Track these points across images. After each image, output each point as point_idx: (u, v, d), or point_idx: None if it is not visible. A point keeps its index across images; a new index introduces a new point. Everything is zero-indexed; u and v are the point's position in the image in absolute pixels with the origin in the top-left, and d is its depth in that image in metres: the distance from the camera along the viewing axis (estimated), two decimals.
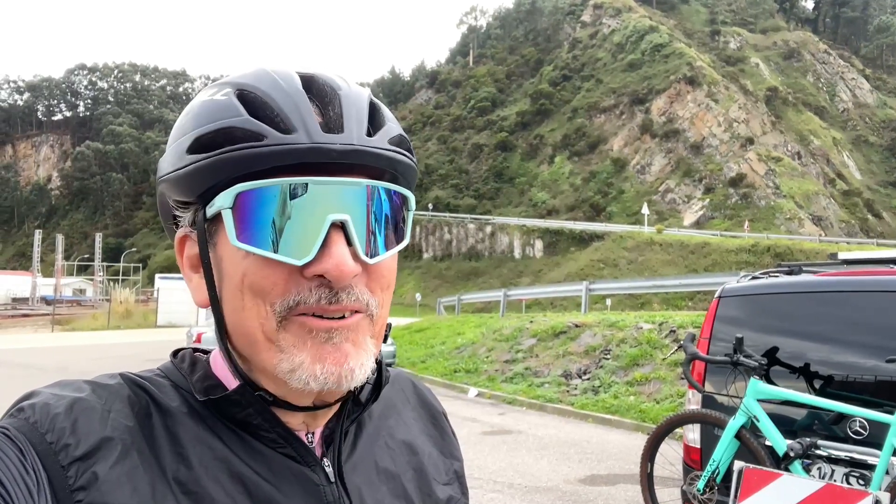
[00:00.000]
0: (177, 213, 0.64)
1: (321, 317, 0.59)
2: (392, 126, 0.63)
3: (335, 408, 0.67)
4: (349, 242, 0.58)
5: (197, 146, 0.59)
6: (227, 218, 0.58)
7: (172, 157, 0.61)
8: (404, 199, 0.64)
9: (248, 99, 0.60)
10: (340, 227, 0.58)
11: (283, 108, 0.58)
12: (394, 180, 0.63)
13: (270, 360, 0.60)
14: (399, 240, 0.63)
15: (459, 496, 0.81)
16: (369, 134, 0.60)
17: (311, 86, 0.62)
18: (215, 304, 0.62)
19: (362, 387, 0.68)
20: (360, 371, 0.60)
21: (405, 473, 0.74)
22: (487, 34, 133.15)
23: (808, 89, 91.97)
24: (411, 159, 0.64)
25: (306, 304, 0.58)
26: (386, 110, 0.65)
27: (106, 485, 0.55)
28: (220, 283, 0.62)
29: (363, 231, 0.59)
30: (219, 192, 0.58)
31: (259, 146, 0.57)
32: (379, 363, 0.71)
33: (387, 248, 0.61)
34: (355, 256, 0.58)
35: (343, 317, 0.59)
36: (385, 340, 0.68)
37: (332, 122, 0.59)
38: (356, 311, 0.60)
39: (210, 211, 0.59)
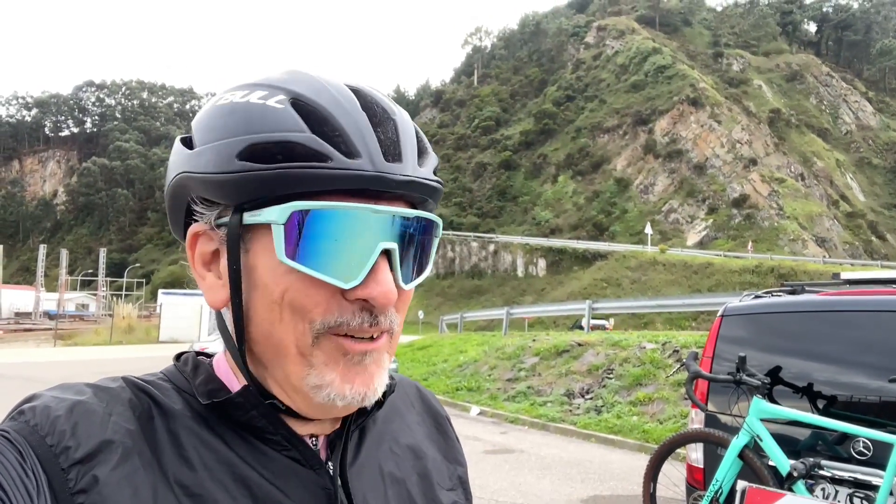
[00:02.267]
0: (197, 209, 0.62)
1: (356, 338, 0.60)
2: (433, 155, 0.65)
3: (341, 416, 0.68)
4: (391, 268, 0.59)
5: (250, 154, 0.57)
6: (278, 233, 0.57)
7: (216, 158, 0.58)
8: (436, 226, 0.64)
9: (306, 111, 0.58)
10: (386, 253, 0.58)
11: (345, 129, 0.58)
12: (427, 207, 0.64)
13: (298, 373, 0.60)
14: (427, 265, 0.64)
15: (463, 502, 0.80)
16: (420, 164, 0.61)
17: (362, 102, 0.61)
18: (237, 309, 0.61)
19: None
20: (381, 388, 0.62)
21: (410, 478, 0.74)
22: (492, 54, 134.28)
23: (811, 111, 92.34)
24: (442, 185, 0.65)
25: (349, 325, 0.59)
26: (422, 134, 0.65)
27: (107, 488, 0.54)
28: (248, 290, 0.61)
29: (404, 258, 0.60)
30: (264, 203, 0.57)
31: (323, 167, 0.56)
32: None
33: (418, 273, 0.63)
34: (395, 282, 0.59)
35: (372, 337, 0.60)
36: None
37: (392, 150, 0.59)
38: (384, 332, 0.62)
39: (251, 219, 0.58)
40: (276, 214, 0.57)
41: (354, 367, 0.60)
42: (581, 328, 25.53)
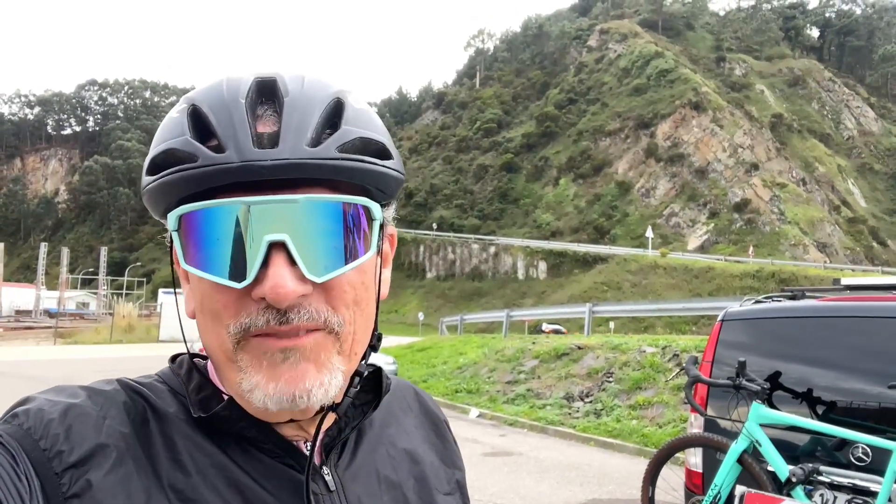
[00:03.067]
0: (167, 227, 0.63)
1: (276, 336, 0.58)
2: (349, 129, 0.59)
3: (317, 420, 0.64)
4: (294, 262, 0.56)
5: (151, 168, 0.59)
6: (175, 240, 0.58)
7: (142, 177, 0.61)
8: (367, 209, 0.60)
9: (197, 115, 0.58)
10: (283, 246, 0.56)
11: (218, 123, 0.57)
12: (358, 189, 0.60)
13: (233, 378, 0.60)
14: (360, 253, 0.60)
15: None
16: (316, 143, 0.57)
17: (269, 91, 0.59)
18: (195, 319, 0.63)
19: (342, 401, 0.65)
20: (320, 390, 0.58)
21: (406, 482, 0.73)
22: (494, 57, 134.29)
23: (813, 116, 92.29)
24: (376, 164, 0.60)
25: (256, 326, 0.57)
26: (354, 111, 0.61)
27: (100, 492, 0.54)
28: (188, 301, 0.64)
29: (309, 249, 0.56)
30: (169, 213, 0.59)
31: (192, 168, 0.55)
32: (379, 371, 0.71)
33: (344, 262, 0.58)
34: (302, 276, 0.56)
35: (299, 335, 0.58)
36: (375, 351, 0.68)
37: (268, 136, 0.56)
38: (315, 330, 0.58)
39: (170, 231, 0.59)
40: (171, 222, 0.58)
41: (279, 366, 0.57)
42: (543, 332, 26.10)
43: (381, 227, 0.62)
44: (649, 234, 53.12)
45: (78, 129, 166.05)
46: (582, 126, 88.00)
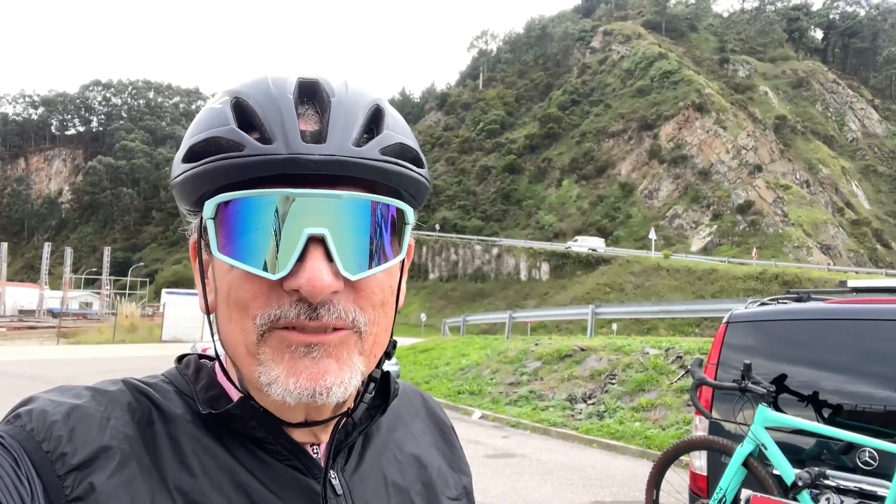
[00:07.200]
0: (189, 218, 0.63)
1: (302, 330, 0.57)
2: (391, 134, 0.61)
3: (327, 423, 0.65)
4: (330, 258, 0.56)
5: (189, 155, 0.59)
6: (210, 228, 0.58)
7: (174, 165, 0.61)
8: (400, 212, 0.61)
9: (241, 107, 0.59)
10: (321, 241, 0.56)
11: (266, 116, 0.57)
12: (392, 193, 0.61)
13: (252, 372, 0.59)
14: (392, 255, 0.61)
15: None
16: (360, 143, 0.58)
17: (312, 92, 0.60)
18: (214, 313, 0.62)
19: (357, 405, 0.67)
20: (340, 388, 0.58)
21: (414, 487, 0.73)
22: (497, 58, 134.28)
23: (817, 118, 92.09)
24: (413, 170, 0.61)
25: (286, 318, 0.57)
26: (393, 118, 0.63)
27: (103, 495, 0.53)
28: (212, 291, 0.62)
29: (346, 246, 0.57)
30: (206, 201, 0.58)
31: (238, 156, 0.56)
32: (387, 376, 0.70)
33: (377, 263, 0.59)
34: (336, 272, 0.56)
35: (326, 332, 0.58)
36: (389, 358, 0.68)
37: (317, 132, 0.57)
38: (340, 328, 0.58)
39: (205, 220, 0.59)
40: (208, 210, 0.57)
41: (301, 360, 0.57)
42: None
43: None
44: (652, 235, 53.05)
45: (82, 129, 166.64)
46: (585, 127, 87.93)
